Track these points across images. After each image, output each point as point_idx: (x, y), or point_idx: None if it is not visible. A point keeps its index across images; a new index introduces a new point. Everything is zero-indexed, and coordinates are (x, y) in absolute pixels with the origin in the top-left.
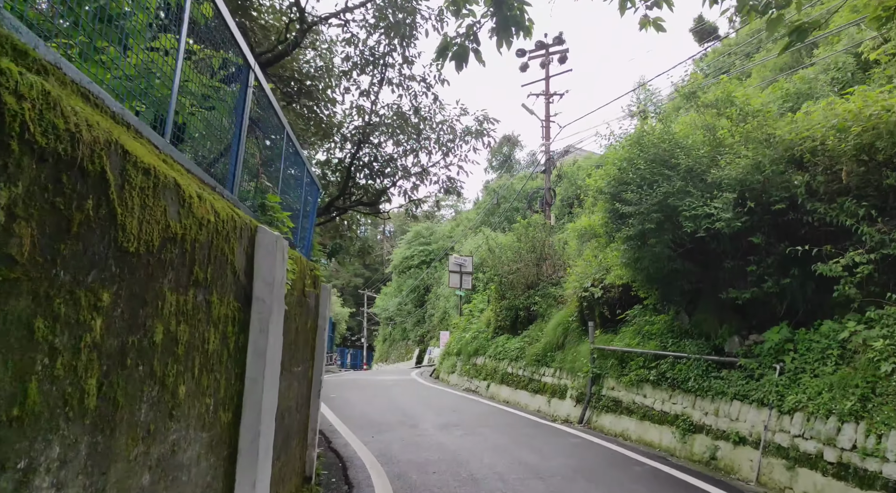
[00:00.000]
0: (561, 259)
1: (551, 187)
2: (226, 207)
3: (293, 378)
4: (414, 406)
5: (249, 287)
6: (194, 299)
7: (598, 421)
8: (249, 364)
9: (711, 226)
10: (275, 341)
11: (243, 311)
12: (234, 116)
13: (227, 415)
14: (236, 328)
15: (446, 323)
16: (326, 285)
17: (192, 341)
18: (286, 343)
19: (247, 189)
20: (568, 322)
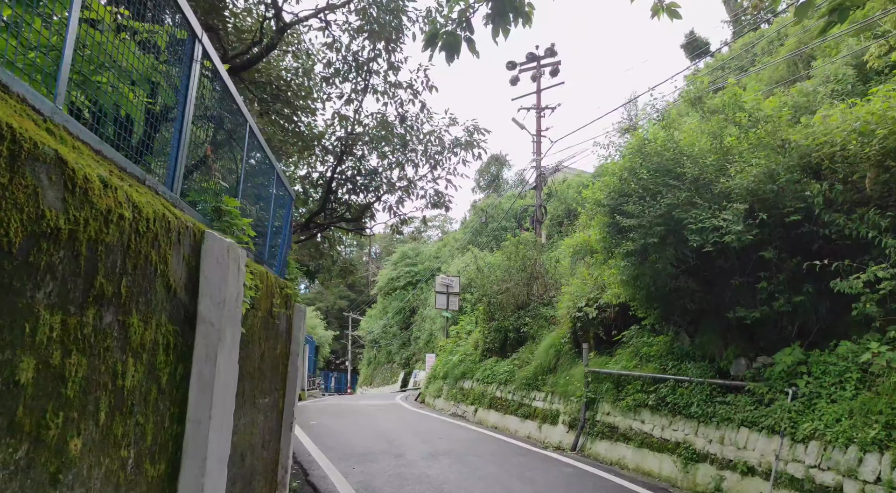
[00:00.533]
0: (553, 278)
1: (542, 204)
2: (156, 204)
3: (257, 412)
4: (399, 433)
5: (193, 306)
6: (97, 320)
7: (593, 448)
8: (192, 401)
9: (720, 240)
10: (227, 372)
11: (183, 335)
12: (177, 98)
13: (157, 468)
14: (172, 357)
15: (432, 345)
16: (301, 305)
17: (94, 377)
18: (248, 372)
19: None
20: (560, 344)
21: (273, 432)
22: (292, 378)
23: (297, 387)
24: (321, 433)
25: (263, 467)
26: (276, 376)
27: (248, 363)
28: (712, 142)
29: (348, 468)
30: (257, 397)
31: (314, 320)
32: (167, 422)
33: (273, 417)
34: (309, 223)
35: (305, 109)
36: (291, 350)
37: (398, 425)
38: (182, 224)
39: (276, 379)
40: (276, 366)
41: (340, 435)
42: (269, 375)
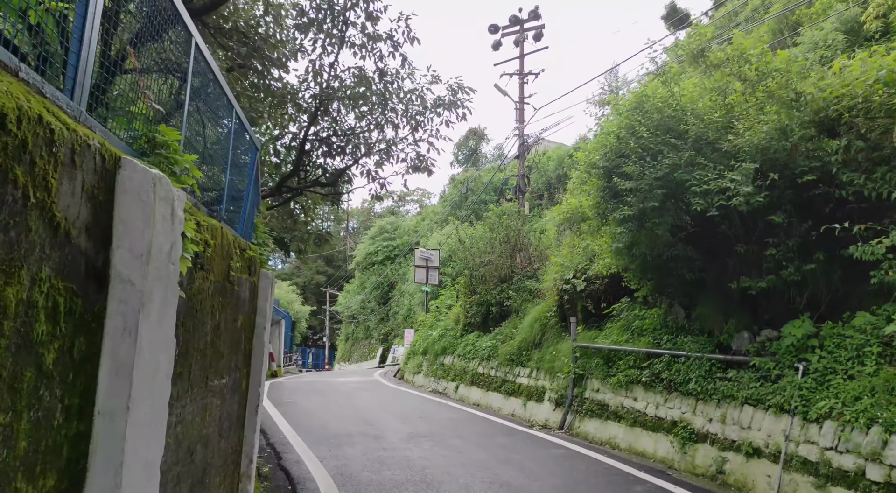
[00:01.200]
0: (537, 250)
1: (525, 174)
2: (28, 102)
3: (212, 396)
4: (377, 412)
5: (102, 259)
6: None
7: (582, 427)
8: (103, 389)
9: (726, 203)
10: (156, 348)
11: (85, 298)
12: None
13: (41, 483)
14: (66, 328)
15: (411, 321)
16: (268, 272)
17: None
18: (197, 348)
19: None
20: (546, 318)
21: (235, 417)
22: (259, 355)
23: (264, 365)
24: (296, 413)
25: (222, 459)
26: (237, 352)
27: (197, 338)
28: (714, 99)
29: (324, 452)
30: (211, 377)
31: (291, 295)
32: (59, 418)
33: (234, 400)
34: (281, 187)
35: (277, 62)
36: (257, 323)
37: (377, 403)
38: (80, 139)
39: (238, 356)
40: (237, 341)
41: (316, 415)
42: (228, 351)
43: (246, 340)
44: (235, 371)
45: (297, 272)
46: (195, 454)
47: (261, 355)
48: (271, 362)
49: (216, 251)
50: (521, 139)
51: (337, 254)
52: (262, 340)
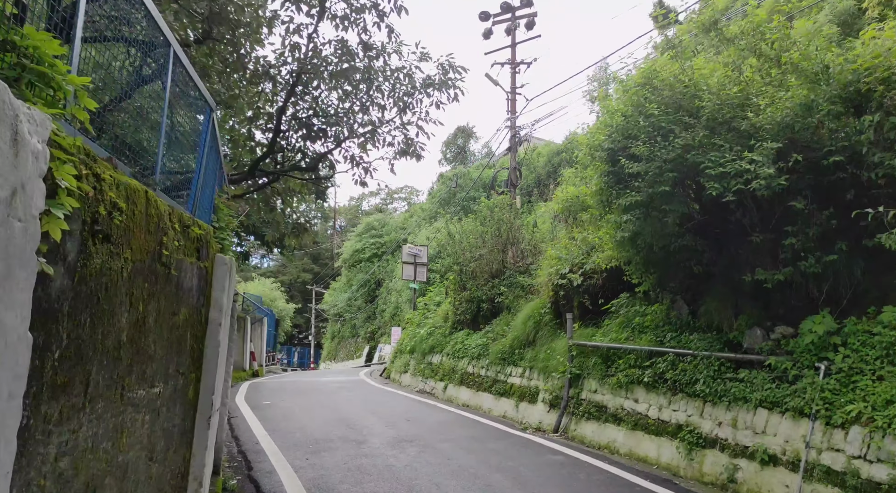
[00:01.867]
0: (530, 245)
1: (517, 166)
2: None
3: (134, 411)
4: (361, 415)
5: None
6: None
7: (578, 430)
8: None
9: (744, 187)
10: None
11: None
12: None
13: None
14: None
15: (398, 319)
16: (226, 257)
17: None
18: (105, 349)
19: None
20: (540, 315)
21: (178, 433)
22: (213, 357)
23: (221, 367)
24: (274, 416)
25: (156, 488)
26: (178, 354)
27: (101, 335)
28: (731, 74)
29: (301, 460)
30: (132, 387)
31: (274, 292)
32: None
33: (176, 412)
34: (255, 170)
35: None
36: (211, 318)
37: (361, 404)
38: None
39: (181, 359)
40: (178, 340)
41: (295, 418)
42: (164, 353)
43: (193, 338)
44: (176, 377)
45: (282, 270)
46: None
47: (216, 357)
48: (252, 362)
49: (135, 221)
50: (513, 130)
51: (324, 252)
52: (219, 338)
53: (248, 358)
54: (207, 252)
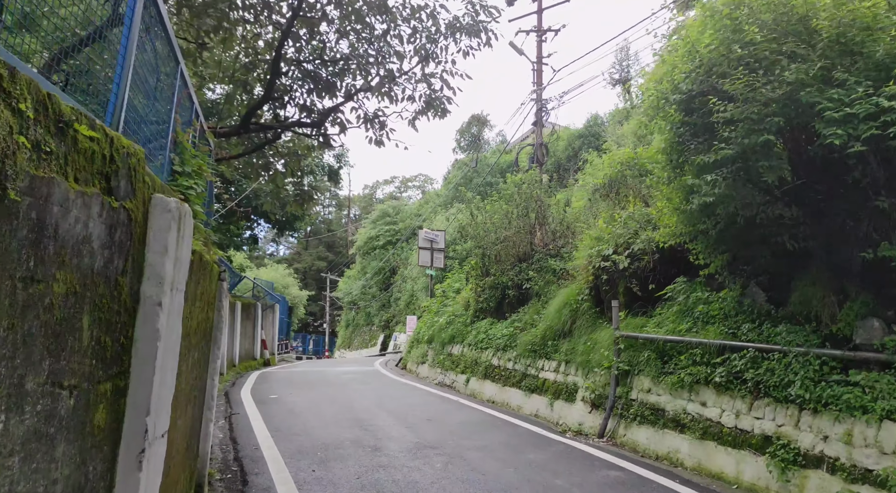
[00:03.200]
0: (562, 225)
1: (543, 143)
2: None
3: None
4: (376, 413)
5: None
6: None
7: (629, 436)
8: None
9: (882, 132)
10: None
11: None
12: None
13: None
14: None
15: (413, 307)
16: (171, 201)
17: None
18: None
19: None
20: (577, 302)
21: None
22: (148, 356)
23: (167, 372)
24: (279, 413)
25: None
26: (51, 353)
27: None
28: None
29: (306, 472)
30: None
31: (287, 279)
32: None
33: (58, 457)
34: (248, 121)
35: None
36: (144, 295)
37: (376, 399)
38: None
39: (65, 361)
40: (50, 328)
41: (303, 416)
42: (26, 353)
43: (104, 326)
44: (53, 396)
45: (297, 258)
46: None
47: (156, 357)
48: (264, 350)
49: None
50: (539, 103)
51: (338, 240)
52: (158, 327)
53: (258, 347)
54: (133, 187)
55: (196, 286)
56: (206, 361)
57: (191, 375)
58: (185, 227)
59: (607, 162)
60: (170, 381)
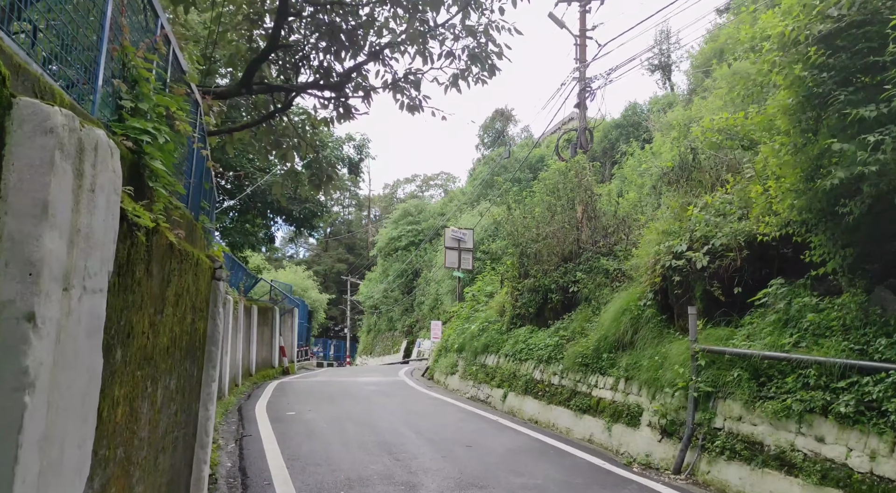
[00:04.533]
0: (616, 219)
1: (588, 127)
2: None
3: None
4: (406, 435)
5: None
6: None
7: (715, 473)
8: None
9: None
10: None
11: None
12: None
13: None
14: None
15: (438, 312)
16: (59, 112)
17: None
18: None
19: None
20: (638, 309)
21: None
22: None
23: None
24: (297, 435)
25: None
26: None
27: None
28: None
29: None
30: None
31: (306, 281)
32: None
33: None
34: (250, 78)
35: None
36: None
37: (403, 418)
38: None
39: None
40: None
41: (323, 439)
42: None
43: None
44: None
45: (317, 260)
46: None
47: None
48: (282, 358)
49: None
50: (583, 83)
51: (358, 242)
52: (27, 363)
53: (276, 354)
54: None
55: (163, 286)
56: (192, 387)
57: (164, 413)
58: (94, 170)
59: (719, 121)
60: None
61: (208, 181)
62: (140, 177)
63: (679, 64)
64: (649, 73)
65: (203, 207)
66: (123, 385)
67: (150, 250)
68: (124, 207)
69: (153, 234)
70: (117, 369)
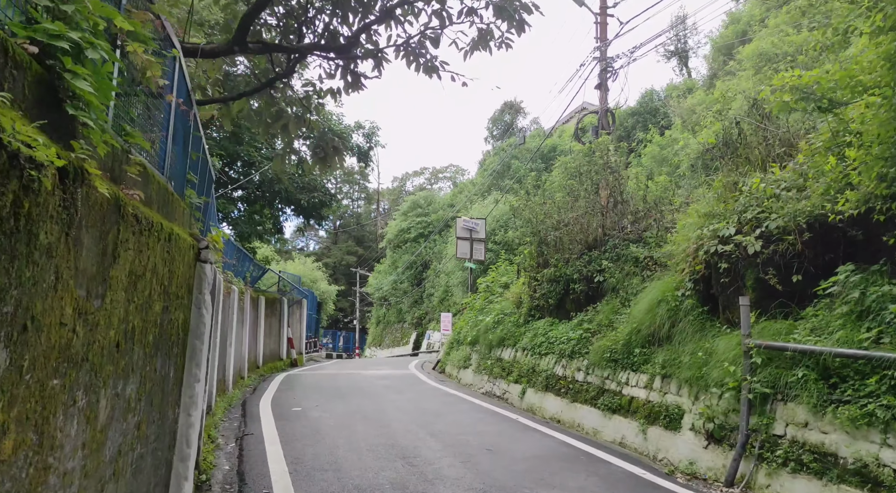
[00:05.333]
0: (646, 203)
1: (609, 109)
2: None
3: None
4: (420, 436)
5: None
6: None
7: (776, 487)
8: None
9: None
10: None
11: None
12: None
13: None
14: None
15: (448, 303)
16: None
17: None
18: None
19: None
20: (675, 299)
21: None
22: None
23: None
24: (302, 435)
25: None
26: None
27: None
28: None
29: None
30: None
31: (316, 273)
32: None
33: None
34: (244, 37)
35: None
36: None
37: (417, 416)
38: None
39: None
40: None
41: (330, 440)
42: None
43: None
44: None
45: (326, 252)
46: None
47: None
48: (290, 349)
49: None
50: (604, 62)
51: (367, 234)
52: None
53: (284, 345)
54: None
55: (104, 260)
56: (167, 390)
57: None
58: None
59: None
60: None
61: (198, 152)
62: (59, 106)
63: (696, 50)
64: (665, 60)
65: (190, 181)
66: (16, 403)
67: (70, 204)
68: None
69: (75, 182)
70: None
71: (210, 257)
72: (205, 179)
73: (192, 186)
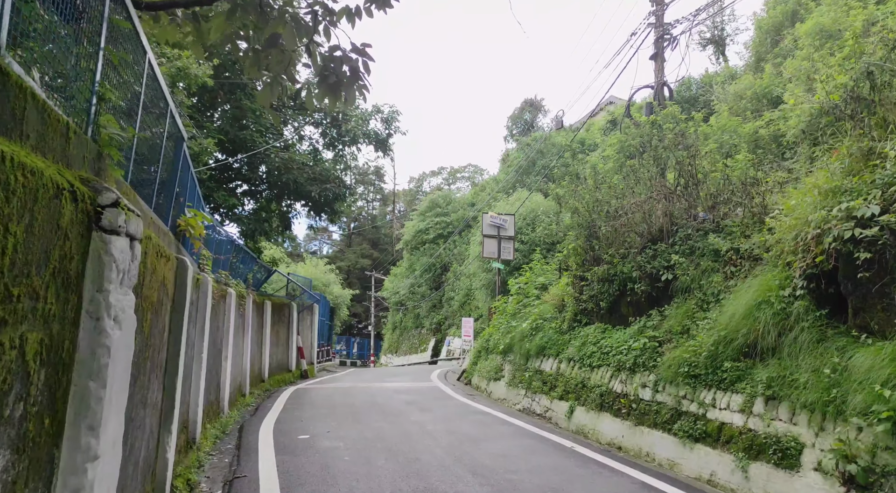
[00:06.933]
0: (726, 184)
1: (665, 82)
2: None
3: None
4: (458, 474)
5: None
6: None
7: None
8: None
9: None
10: None
11: None
12: None
13: None
14: None
15: (470, 308)
16: None
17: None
18: None
19: None
20: (781, 300)
21: None
22: None
23: None
24: (308, 475)
25: None
26: None
27: None
28: None
29: None
30: None
31: (328, 276)
32: None
33: None
34: None
35: None
36: None
37: (451, 446)
38: None
39: None
40: None
41: (343, 485)
42: None
43: None
44: None
45: (340, 256)
46: None
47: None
48: (300, 359)
49: None
50: (660, 29)
51: (383, 237)
52: None
53: (293, 355)
54: None
55: None
56: None
57: None
58: None
59: None
60: None
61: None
62: None
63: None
64: (700, 49)
65: (106, 98)
66: None
67: None
68: None
69: None
70: None
71: (120, 226)
72: (164, 124)
73: (123, 116)
